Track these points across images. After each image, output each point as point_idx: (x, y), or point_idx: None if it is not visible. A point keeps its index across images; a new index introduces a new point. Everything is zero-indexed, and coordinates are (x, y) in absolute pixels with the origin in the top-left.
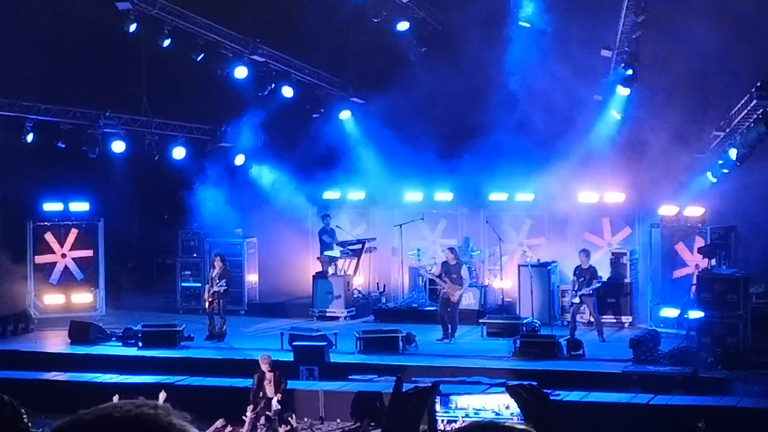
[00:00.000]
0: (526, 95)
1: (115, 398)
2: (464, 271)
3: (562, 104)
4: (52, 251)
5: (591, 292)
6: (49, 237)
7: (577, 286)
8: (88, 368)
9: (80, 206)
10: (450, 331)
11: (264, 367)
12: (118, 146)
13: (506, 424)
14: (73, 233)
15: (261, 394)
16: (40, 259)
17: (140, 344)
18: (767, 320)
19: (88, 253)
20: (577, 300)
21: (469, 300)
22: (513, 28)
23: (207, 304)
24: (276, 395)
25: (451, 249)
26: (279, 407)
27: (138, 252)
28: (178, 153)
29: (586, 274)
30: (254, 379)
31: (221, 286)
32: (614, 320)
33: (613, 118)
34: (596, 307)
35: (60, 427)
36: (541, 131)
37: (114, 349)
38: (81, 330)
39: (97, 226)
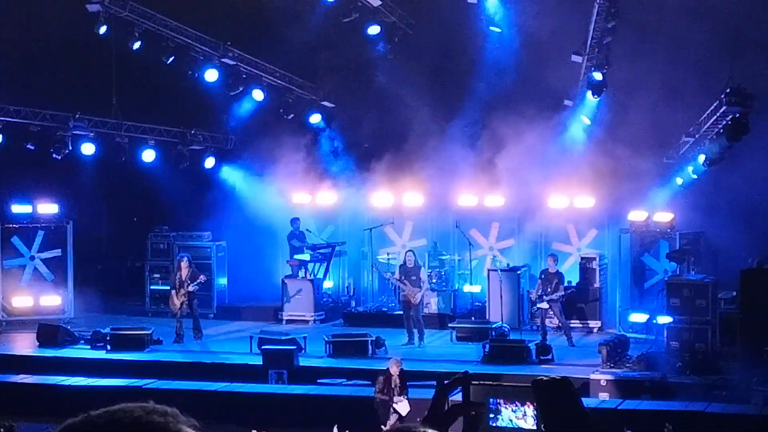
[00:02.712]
0: (495, 99)
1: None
2: (423, 273)
3: (532, 109)
4: (20, 254)
5: (558, 297)
6: (17, 239)
7: (541, 291)
8: (56, 371)
9: (49, 208)
10: (418, 334)
11: (393, 370)
12: (88, 148)
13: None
14: (45, 237)
15: (386, 397)
16: (8, 261)
17: (109, 347)
18: (735, 326)
19: (57, 257)
20: (545, 305)
21: (431, 308)
22: (483, 33)
23: (177, 306)
24: (401, 398)
25: (410, 252)
26: (409, 409)
27: (107, 255)
28: (148, 155)
29: (553, 278)
30: (379, 384)
31: (195, 286)
32: (583, 325)
33: (583, 124)
34: (562, 312)
35: (68, 428)
36: (511, 136)
37: (82, 352)
38: (49, 333)
39: (66, 228)
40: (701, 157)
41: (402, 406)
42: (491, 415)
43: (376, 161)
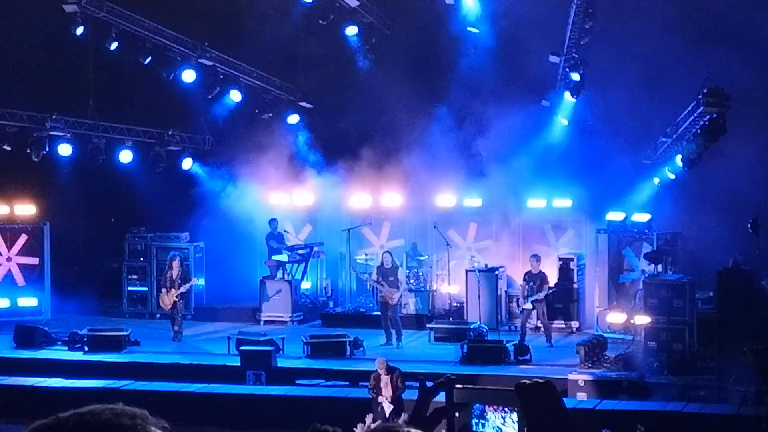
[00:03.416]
0: (473, 100)
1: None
2: (400, 274)
3: (510, 110)
4: None
5: (543, 297)
6: None
7: (527, 292)
8: (33, 372)
9: (26, 209)
10: (396, 335)
11: (380, 370)
12: (65, 149)
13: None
14: (22, 238)
15: (378, 398)
16: None
17: (86, 348)
18: (713, 326)
19: (34, 258)
20: (529, 306)
21: (409, 308)
22: (461, 34)
23: (169, 305)
24: (384, 397)
25: (387, 252)
26: (392, 408)
27: (84, 256)
28: (125, 156)
29: (536, 279)
30: (370, 382)
31: (187, 286)
32: (562, 325)
33: (561, 124)
34: (545, 313)
35: (36, 429)
36: (489, 136)
37: (59, 353)
38: (26, 334)
39: (43, 229)
40: (679, 158)
41: (385, 405)
42: (477, 421)
43: (354, 162)
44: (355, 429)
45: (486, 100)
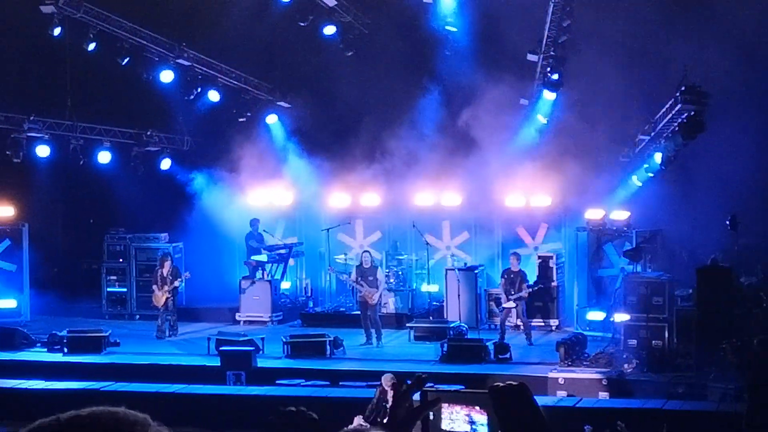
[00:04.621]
0: (452, 99)
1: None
2: (380, 274)
3: (489, 108)
4: None
5: (526, 295)
6: None
7: (507, 289)
8: (13, 374)
9: (4, 211)
10: (375, 335)
11: (386, 386)
12: (43, 150)
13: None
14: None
15: (379, 410)
16: None
17: (65, 350)
18: (692, 323)
19: (13, 258)
20: (512, 304)
21: (389, 307)
22: (439, 32)
23: (162, 302)
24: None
25: (366, 252)
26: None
27: (63, 257)
28: (104, 157)
29: (516, 277)
30: (375, 394)
31: (180, 281)
32: (541, 323)
33: (540, 122)
34: (525, 312)
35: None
36: (467, 135)
37: (39, 354)
38: (5, 336)
39: (22, 230)
40: (657, 155)
41: None
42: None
43: (333, 162)
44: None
45: (465, 98)
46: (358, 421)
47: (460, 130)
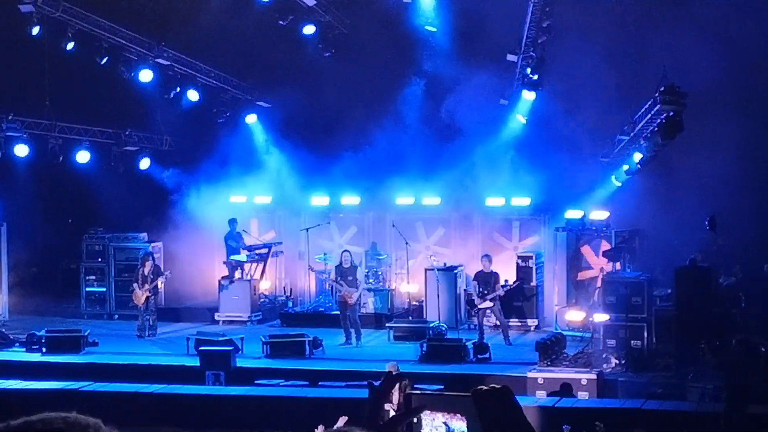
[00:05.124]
0: (432, 99)
1: None
2: (359, 274)
3: (469, 108)
4: None
5: (501, 293)
6: None
7: (479, 291)
8: None
9: None
10: (355, 335)
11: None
12: (21, 150)
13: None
14: None
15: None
16: None
17: (44, 350)
18: (671, 323)
19: None
20: (489, 304)
21: (368, 307)
22: (419, 32)
23: (142, 301)
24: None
25: (346, 252)
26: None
27: (42, 256)
28: (83, 157)
29: (489, 278)
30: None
31: (164, 279)
32: (520, 324)
33: (519, 123)
34: (501, 311)
35: None
36: (447, 135)
37: (17, 354)
38: None
39: (0, 230)
40: (636, 155)
41: (391, 414)
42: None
43: (313, 161)
44: (316, 430)
45: (445, 98)
46: (342, 421)
47: (440, 130)
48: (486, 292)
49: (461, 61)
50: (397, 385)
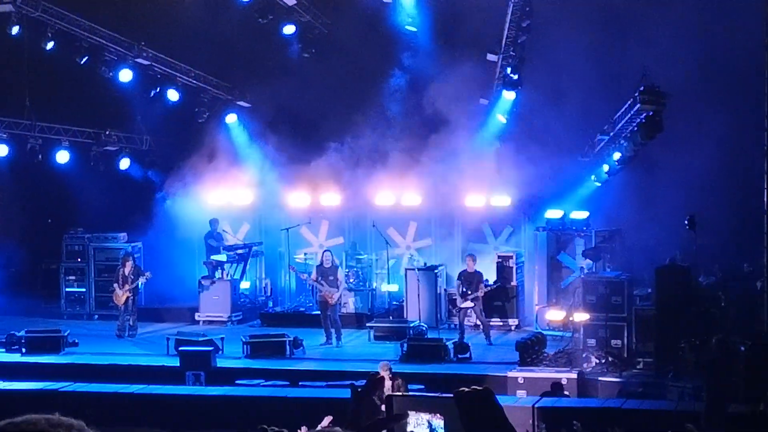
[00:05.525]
0: (412, 99)
1: None
2: (340, 273)
3: (449, 108)
4: None
5: (482, 294)
6: None
7: (463, 290)
8: None
9: None
10: (335, 334)
11: (384, 374)
12: (1, 150)
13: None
14: None
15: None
16: None
17: (24, 350)
18: (650, 323)
19: None
20: (470, 304)
21: (349, 307)
22: (399, 32)
23: (123, 301)
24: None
25: (327, 251)
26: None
27: (21, 257)
28: (62, 157)
29: (473, 278)
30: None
31: (144, 279)
32: (501, 323)
33: (499, 122)
34: (483, 311)
35: None
36: (427, 135)
37: None
38: None
39: None
40: (616, 155)
41: None
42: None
43: (292, 161)
44: (299, 430)
45: (425, 98)
46: (327, 421)
47: (421, 129)
48: (469, 291)
49: (441, 61)
50: (391, 384)
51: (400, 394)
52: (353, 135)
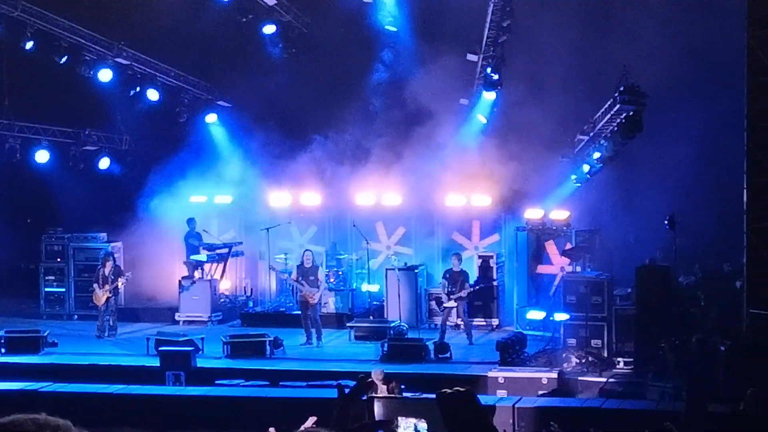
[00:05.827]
0: (391, 99)
1: None
2: (320, 273)
3: (429, 108)
4: None
5: (465, 295)
6: None
7: (448, 290)
8: None
9: None
10: (316, 334)
11: (377, 381)
12: None
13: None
14: None
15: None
16: None
17: (2, 350)
18: (631, 322)
19: None
20: (454, 304)
21: (329, 307)
22: (379, 32)
23: (102, 301)
24: None
25: (308, 251)
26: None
27: (0, 257)
28: (41, 156)
29: (458, 277)
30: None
31: (125, 279)
32: (482, 323)
33: (479, 122)
34: (466, 311)
35: None
36: (407, 135)
37: None
38: None
39: None
40: (596, 155)
41: None
42: None
43: (273, 160)
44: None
45: (406, 97)
46: (311, 421)
47: (401, 129)
48: (454, 291)
49: (422, 61)
50: (386, 387)
51: (383, 395)
52: (334, 134)
